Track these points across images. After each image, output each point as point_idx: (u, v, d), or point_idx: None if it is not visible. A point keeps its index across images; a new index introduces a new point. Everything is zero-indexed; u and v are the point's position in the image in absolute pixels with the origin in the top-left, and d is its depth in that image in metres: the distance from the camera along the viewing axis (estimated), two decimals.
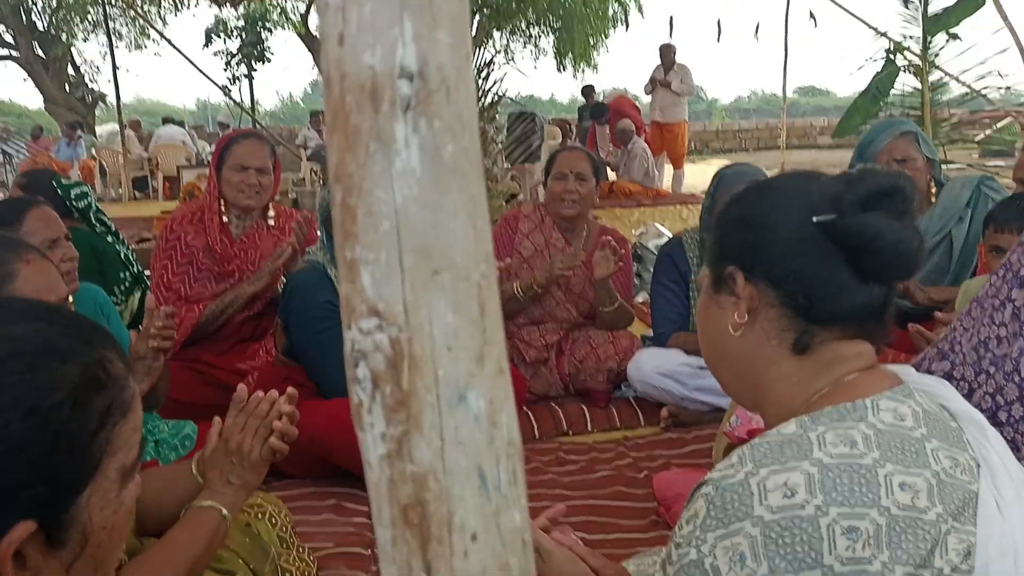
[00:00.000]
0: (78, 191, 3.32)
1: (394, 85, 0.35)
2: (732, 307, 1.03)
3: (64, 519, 0.68)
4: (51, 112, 17.38)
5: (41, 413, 0.65)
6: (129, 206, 11.25)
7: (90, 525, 0.70)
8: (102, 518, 0.71)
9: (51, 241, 2.22)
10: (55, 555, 0.68)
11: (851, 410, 0.91)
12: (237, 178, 2.97)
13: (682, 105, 10.45)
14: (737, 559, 0.82)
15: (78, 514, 0.69)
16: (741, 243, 1.03)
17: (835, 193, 0.96)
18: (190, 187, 8.63)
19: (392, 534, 0.38)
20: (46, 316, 0.72)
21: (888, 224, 0.94)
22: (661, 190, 9.75)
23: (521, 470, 0.40)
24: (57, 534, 0.68)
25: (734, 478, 0.87)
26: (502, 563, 0.38)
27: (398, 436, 0.37)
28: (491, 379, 0.39)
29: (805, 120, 23.22)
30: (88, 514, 0.69)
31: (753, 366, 1.02)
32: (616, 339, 3.27)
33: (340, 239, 0.38)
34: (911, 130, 2.87)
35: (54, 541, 0.68)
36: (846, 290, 0.97)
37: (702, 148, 19.69)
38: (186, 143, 13.24)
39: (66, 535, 0.68)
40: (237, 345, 3.05)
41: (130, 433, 0.73)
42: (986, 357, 1.34)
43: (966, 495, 0.86)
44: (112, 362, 0.72)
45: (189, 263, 3.02)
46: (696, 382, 2.96)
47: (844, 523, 0.81)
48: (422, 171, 0.36)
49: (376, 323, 0.37)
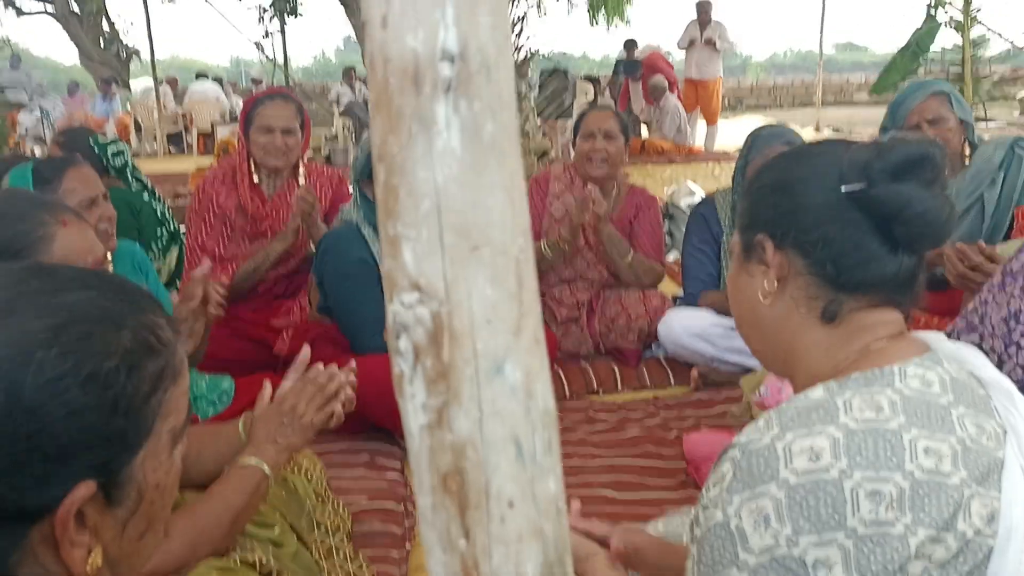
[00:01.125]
0: (115, 149, 3.36)
1: (436, 67, 0.36)
2: (762, 275, 1.03)
3: (121, 479, 0.71)
4: (86, 67, 17.48)
5: (99, 379, 0.68)
6: (164, 161, 11.35)
7: (144, 484, 0.73)
8: (155, 477, 0.74)
9: (90, 200, 2.25)
10: (112, 513, 0.72)
11: (879, 376, 0.91)
12: (263, 139, 2.98)
13: (717, 61, 10.29)
14: (762, 521, 0.84)
15: (133, 474, 0.72)
16: (771, 211, 1.03)
17: (865, 162, 0.95)
18: (225, 143, 8.68)
19: (432, 501, 0.40)
20: (96, 283, 0.74)
21: (918, 193, 0.93)
22: (693, 147, 9.66)
23: (556, 439, 0.41)
24: (115, 493, 0.71)
25: (761, 442, 0.88)
26: (536, 529, 0.40)
27: (438, 407, 0.39)
28: (527, 351, 0.40)
29: (842, 77, 22.76)
30: (143, 474, 0.72)
31: (782, 333, 1.03)
32: (647, 299, 3.27)
33: (383, 216, 0.39)
34: (944, 90, 2.80)
35: (112, 500, 0.71)
36: (875, 259, 0.97)
37: (736, 104, 19.40)
38: (220, 99, 13.28)
39: (123, 494, 0.72)
40: (272, 302, 3.10)
41: (180, 397, 0.76)
42: (1016, 330, 1.33)
43: (991, 461, 0.87)
44: (162, 328, 0.75)
45: (222, 223, 3.05)
46: (727, 343, 2.96)
47: (868, 486, 0.82)
48: (462, 151, 0.37)
49: (417, 297, 0.38)
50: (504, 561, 0.39)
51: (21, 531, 0.67)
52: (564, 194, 3.37)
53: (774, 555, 0.83)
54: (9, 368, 0.65)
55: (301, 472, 1.82)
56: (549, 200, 3.38)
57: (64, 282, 0.72)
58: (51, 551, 0.69)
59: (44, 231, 1.45)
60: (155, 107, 12.09)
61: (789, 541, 0.82)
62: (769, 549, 0.83)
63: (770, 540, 0.83)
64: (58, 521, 0.67)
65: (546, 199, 3.38)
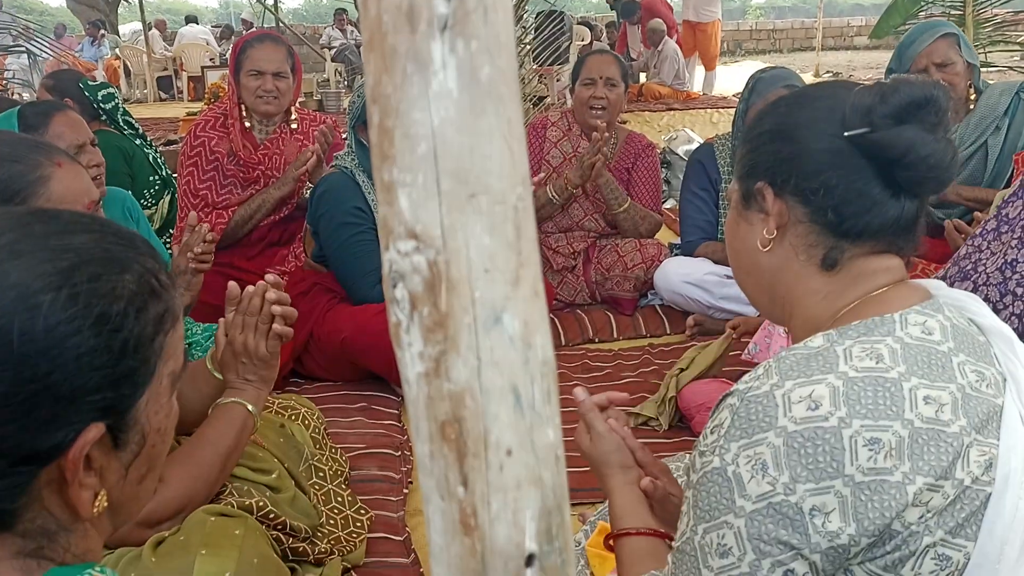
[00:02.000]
0: (105, 92, 3.31)
1: (431, 4, 0.35)
2: (761, 223, 1.02)
3: (127, 421, 0.72)
4: (73, 10, 17.14)
5: (108, 320, 0.68)
6: (154, 107, 11.22)
7: (147, 427, 0.74)
8: (156, 420, 0.75)
9: (77, 146, 2.22)
10: (116, 456, 0.73)
11: (879, 324, 0.91)
12: (254, 84, 2.94)
13: (716, 3, 10.14)
14: (759, 468, 0.84)
15: (138, 417, 0.73)
16: (771, 157, 1.01)
17: (868, 105, 0.94)
18: (215, 87, 8.55)
19: (430, 448, 0.39)
20: (98, 227, 0.74)
21: (921, 137, 0.92)
22: (692, 93, 9.55)
23: (555, 389, 0.41)
24: (121, 436, 0.72)
25: (759, 390, 0.88)
26: (535, 477, 0.40)
27: (435, 355, 0.38)
28: (526, 301, 0.39)
29: (842, 19, 22.45)
30: (146, 417, 0.73)
31: (781, 282, 1.02)
32: (643, 247, 3.26)
33: (378, 161, 0.38)
34: (952, 32, 2.76)
35: (118, 443, 0.72)
36: (877, 205, 0.96)
37: (735, 49, 19.17)
38: (209, 42, 13.07)
39: (128, 436, 0.72)
40: (267, 250, 3.08)
41: (178, 341, 0.76)
42: (1012, 279, 1.33)
43: (991, 408, 0.87)
44: (161, 271, 0.75)
45: (215, 169, 3.02)
46: (723, 291, 2.96)
47: (867, 435, 0.82)
48: (459, 93, 0.36)
49: (414, 245, 0.37)
50: (502, 509, 0.39)
51: (30, 474, 0.68)
52: (562, 141, 3.33)
53: (771, 502, 0.83)
54: (18, 311, 0.66)
55: (298, 419, 1.83)
56: (546, 147, 3.35)
57: (67, 225, 0.72)
58: (56, 495, 0.70)
59: (40, 172, 1.43)
60: (144, 51, 11.90)
61: (786, 488, 0.82)
62: (766, 496, 0.83)
63: (767, 487, 0.83)
64: (69, 463, 0.68)
65: (543, 145, 3.35)
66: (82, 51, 13.27)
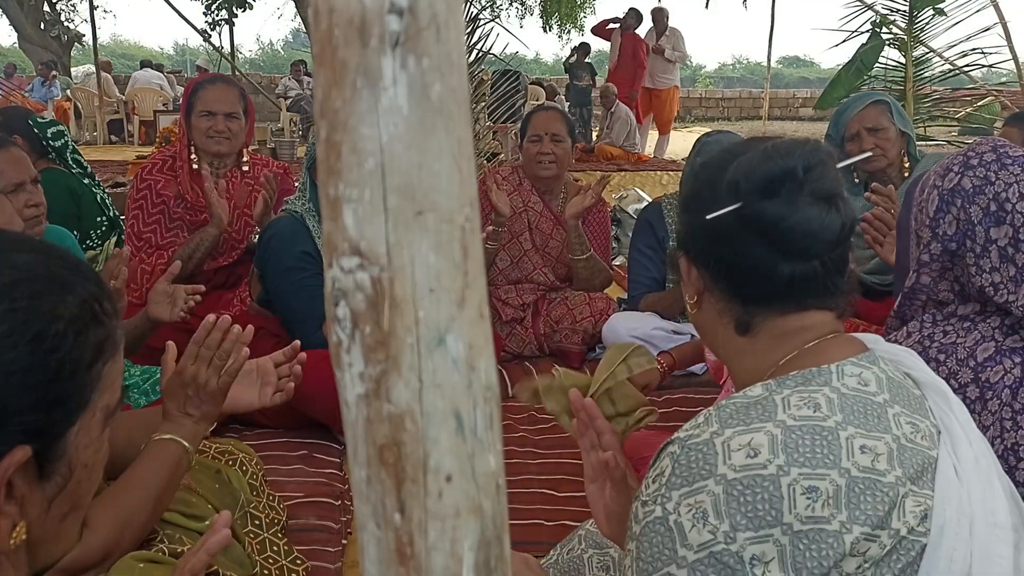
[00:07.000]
0: (54, 130, 3.27)
1: (383, 20, 0.35)
2: (687, 287, 1.06)
3: (55, 450, 0.69)
4: (25, 50, 16.94)
5: (45, 340, 0.66)
6: (104, 149, 11.08)
7: (75, 460, 0.71)
8: (85, 455, 0.72)
9: (15, 184, 2.17)
10: (40, 487, 0.69)
11: (816, 374, 0.92)
12: (205, 124, 2.92)
13: (673, 71, 10.40)
14: (700, 516, 0.84)
15: (66, 447, 0.70)
16: (683, 227, 1.06)
17: (735, 181, 0.97)
18: (166, 132, 8.48)
19: (367, 473, 0.38)
20: (42, 248, 0.72)
21: (788, 209, 0.94)
22: (643, 155, 9.74)
23: (498, 415, 0.40)
24: (47, 465, 0.69)
25: (699, 437, 0.88)
26: (475, 505, 0.39)
27: (376, 376, 0.37)
28: (471, 323, 0.39)
29: (788, 91, 23.21)
30: (75, 449, 0.70)
31: (715, 340, 1.06)
32: (592, 301, 3.29)
33: (324, 176, 0.37)
34: (885, 100, 2.89)
35: (43, 472, 0.69)
36: (767, 271, 0.97)
37: (685, 115, 19.66)
38: (163, 87, 13.00)
39: (54, 467, 0.69)
40: (212, 293, 3.03)
41: (116, 374, 0.74)
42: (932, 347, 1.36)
43: (925, 460, 0.88)
44: (105, 299, 0.73)
45: (160, 212, 2.98)
46: (669, 346, 2.98)
47: (805, 483, 0.83)
48: (409, 109, 0.36)
49: (358, 262, 0.37)
50: (440, 537, 0.38)
51: None
52: (512, 195, 3.37)
53: (712, 551, 0.83)
54: None
55: (236, 464, 1.78)
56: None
57: (10, 243, 0.70)
58: None
59: None
60: (96, 93, 11.78)
61: (727, 536, 0.82)
62: (707, 545, 0.83)
63: (708, 536, 0.83)
64: None
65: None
66: (32, 91, 13.09)
